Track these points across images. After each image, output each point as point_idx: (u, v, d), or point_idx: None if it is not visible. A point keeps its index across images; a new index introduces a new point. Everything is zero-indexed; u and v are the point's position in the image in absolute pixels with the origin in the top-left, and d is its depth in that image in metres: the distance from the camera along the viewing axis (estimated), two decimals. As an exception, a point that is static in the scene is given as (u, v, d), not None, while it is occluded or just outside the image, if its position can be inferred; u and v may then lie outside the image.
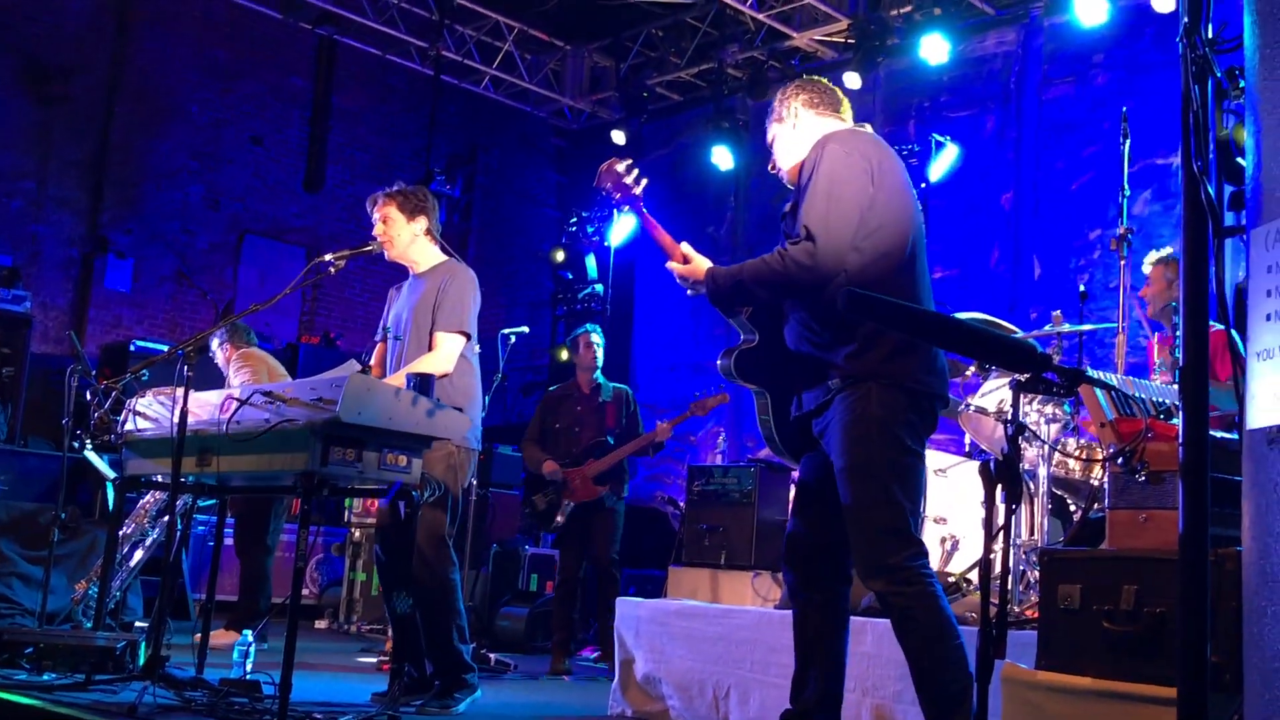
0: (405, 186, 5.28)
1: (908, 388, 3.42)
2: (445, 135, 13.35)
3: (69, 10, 11.25)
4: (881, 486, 3.37)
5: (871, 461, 3.38)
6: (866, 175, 3.47)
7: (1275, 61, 1.92)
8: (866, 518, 3.38)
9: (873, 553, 3.38)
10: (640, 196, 3.86)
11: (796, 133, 3.76)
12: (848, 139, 3.58)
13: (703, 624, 5.00)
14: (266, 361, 7.31)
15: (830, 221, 3.40)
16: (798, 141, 3.74)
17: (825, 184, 3.45)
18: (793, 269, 3.41)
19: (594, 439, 7.61)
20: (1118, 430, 3.57)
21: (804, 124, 3.76)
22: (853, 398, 3.42)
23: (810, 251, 3.39)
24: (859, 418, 3.39)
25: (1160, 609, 3.06)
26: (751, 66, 10.98)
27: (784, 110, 3.80)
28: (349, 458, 4.16)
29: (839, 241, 3.40)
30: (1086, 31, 8.72)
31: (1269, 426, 1.90)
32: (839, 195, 3.43)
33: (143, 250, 11.56)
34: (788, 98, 3.81)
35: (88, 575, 6.54)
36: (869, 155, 3.51)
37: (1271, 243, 1.89)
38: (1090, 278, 8.49)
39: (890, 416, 3.39)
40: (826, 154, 3.50)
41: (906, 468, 3.42)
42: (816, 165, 3.49)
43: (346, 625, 9.17)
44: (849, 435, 3.40)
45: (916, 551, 3.37)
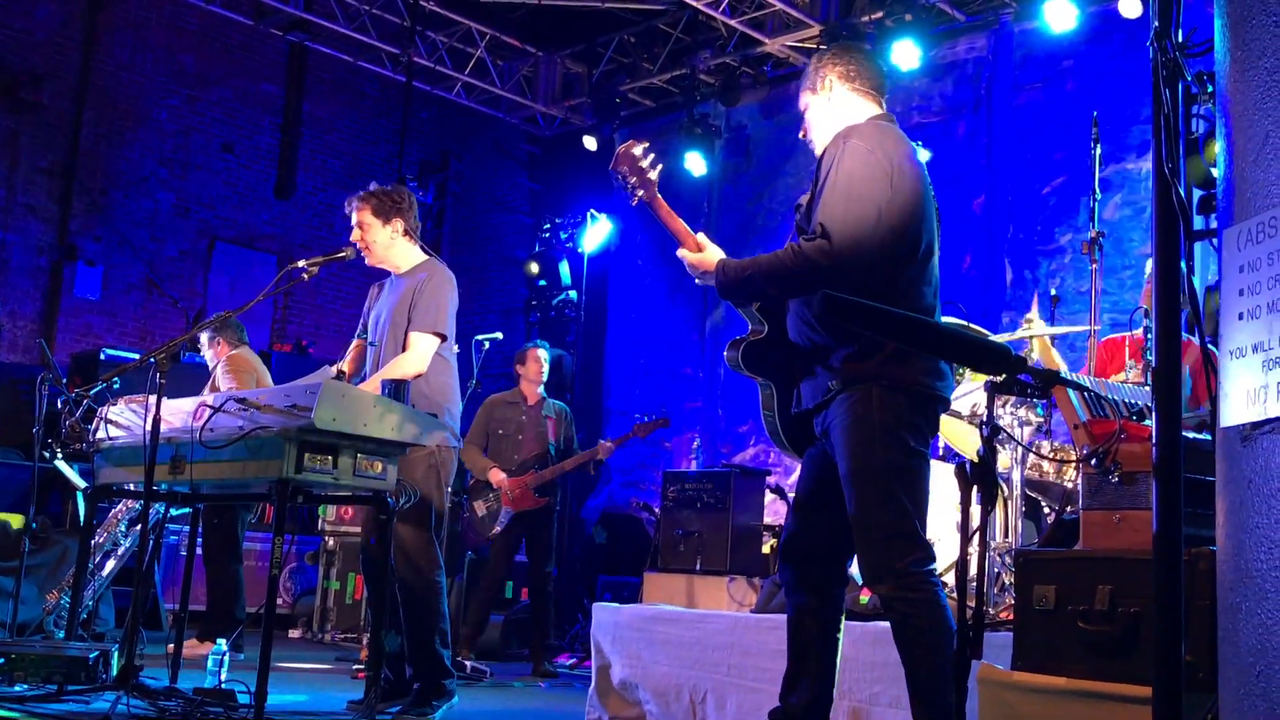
0: (380, 187, 5.21)
1: (910, 390, 3.39)
2: (417, 142, 13.32)
3: (38, 17, 11.17)
4: (887, 490, 3.32)
5: (876, 465, 3.33)
6: (886, 176, 3.39)
7: (1246, 65, 1.95)
8: (872, 522, 3.33)
9: (879, 557, 3.33)
10: (655, 182, 3.79)
11: (831, 106, 3.65)
12: (872, 135, 3.49)
13: (679, 629, 5.00)
14: (256, 370, 7.12)
15: (848, 222, 3.34)
16: (832, 116, 3.64)
17: (845, 182, 3.38)
18: (807, 267, 3.35)
19: (536, 450, 7.75)
20: (1091, 432, 3.60)
21: (838, 98, 3.65)
22: (854, 400, 3.38)
23: (826, 251, 3.33)
24: (862, 421, 3.35)
25: (1135, 609, 3.08)
26: (724, 72, 11.00)
27: (818, 80, 3.68)
28: (324, 464, 4.14)
29: (855, 242, 3.33)
30: (1056, 37, 8.78)
31: (1242, 424, 1.91)
32: (859, 195, 3.36)
33: (112, 258, 11.49)
34: (823, 66, 3.68)
35: (59, 585, 6.50)
36: (891, 155, 3.43)
37: (1244, 243, 1.91)
38: (1062, 282, 8.54)
39: (893, 420, 3.35)
40: (849, 150, 3.42)
41: (912, 470, 3.38)
42: (838, 161, 3.42)
43: (321, 634, 9.12)
44: (852, 439, 3.36)
45: (923, 556, 3.32)
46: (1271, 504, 1.83)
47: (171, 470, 4.53)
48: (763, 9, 10.17)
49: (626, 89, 11.66)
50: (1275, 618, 1.80)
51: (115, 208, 11.53)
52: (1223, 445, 2.01)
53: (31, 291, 11.09)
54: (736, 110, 11.09)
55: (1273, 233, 1.83)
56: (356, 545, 8.97)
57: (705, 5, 10.11)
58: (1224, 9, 2.06)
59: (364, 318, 5.31)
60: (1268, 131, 1.86)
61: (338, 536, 9.22)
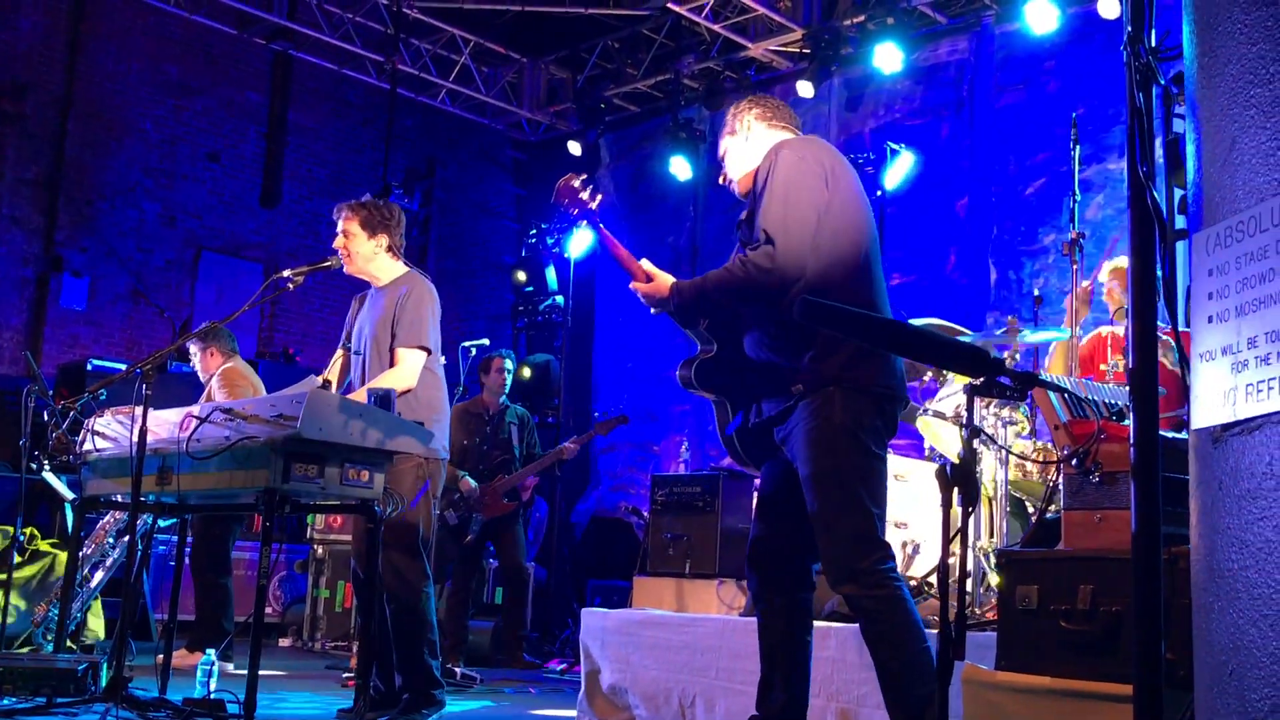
0: (372, 200, 5.25)
1: (871, 392, 3.45)
2: (403, 149, 13.32)
3: (21, 28, 11.15)
4: (849, 492, 3.39)
5: (838, 468, 3.40)
6: (821, 179, 3.50)
7: (1213, 70, 1.97)
8: (834, 524, 3.39)
9: (842, 558, 3.39)
10: (596, 211, 3.88)
11: (749, 145, 3.81)
12: (800, 145, 3.63)
13: (668, 633, 5.02)
14: (252, 383, 7.07)
15: (789, 224, 3.43)
16: (749, 152, 3.79)
17: (781, 189, 3.48)
18: (754, 273, 3.44)
19: (501, 457, 7.89)
20: (1071, 432, 3.62)
21: (756, 136, 3.81)
22: (815, 404, 3.44)
23: (770, 254, 3.41)
24: (823, 424, 3.41)
25: (1116, 608, 3.11)
26: (707, 77, 11.04)
27: (736, 124, 3.86)
28: (310, 474, 4.16)
29: (798, 244, 3.42)
30: (1037, 39, 8.83)
31: (1213, 425, 1.94)
32: (795, 200, 3.46)
33: (98, 268, 11.47)
34: (740, 111, 3.87)
35: (47, 597, 6.49)
36: (822, 160, 3.55)
37: (1213, 246, 1.94)
38: (1046, 282, 8.58)
39: (854, 422, 3.41)
40: (780, 159, 3.54)
41: (871, 472, 3.45)
42: (771, 171, 3.53)
43: (311, 643, 9.11)
44: (814, 442, 3.42)
45: (884, 555, 3.40)
46: (1242, 505, 1.85)
47: (159, 481, 4.54)
48: (745, 14, 10.21)
49: (611, 94, 11.69)
50: (1247, 617, 1.82)
51: (101, 218, 11.51)
52: (1195, 447, 2.04)
53: (17, 303, 11.06)
54: (720, 114, 11.08)
55: (1240, 237, 1.86)
56: (345, 553, 8.97)
57: (688, 10, 10.14)
58: (1192, 15, 2.09)
59: (346, 329, 5.33)
60: (1234, 136, 1.89)
61: (326, 545, 9.21)
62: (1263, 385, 1.80)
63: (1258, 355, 1.82)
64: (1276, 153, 1.83)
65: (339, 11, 11.08)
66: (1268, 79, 1.85)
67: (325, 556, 9.21)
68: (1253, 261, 1.84)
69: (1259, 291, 1.83)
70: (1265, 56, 1.85)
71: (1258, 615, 1.80)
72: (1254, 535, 1.83)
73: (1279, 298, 1.79)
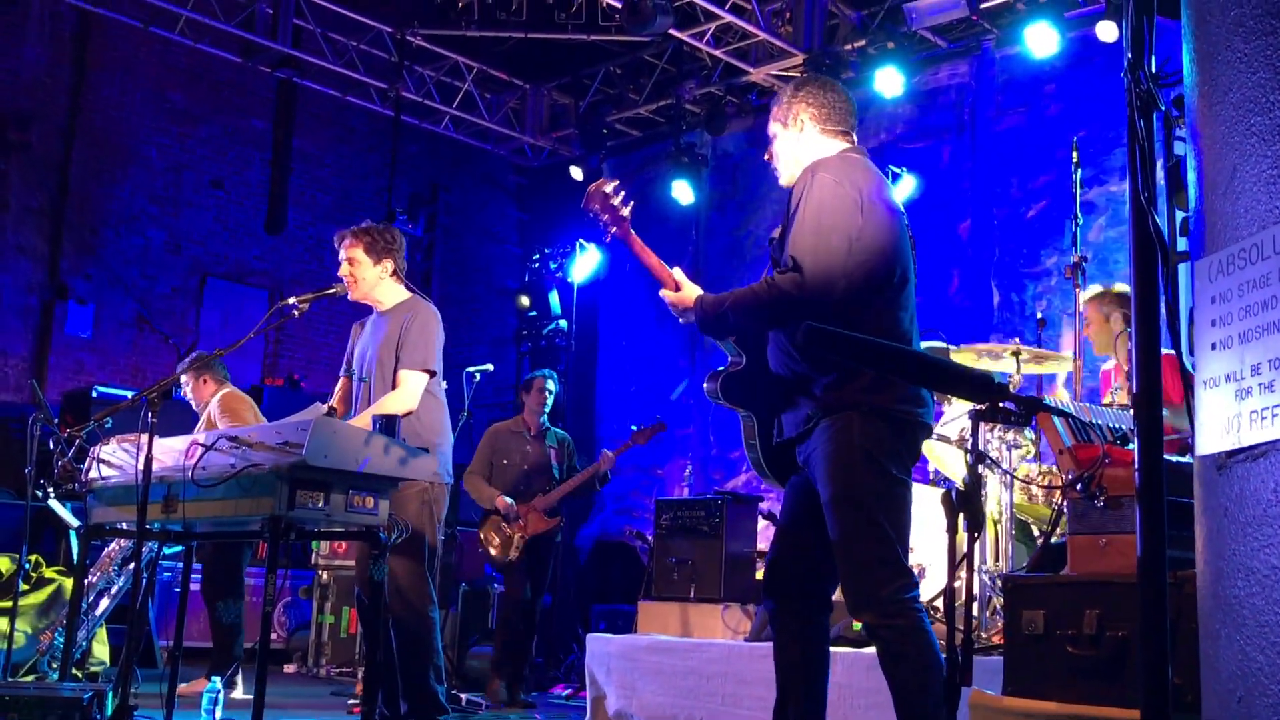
0: (373, 226, 5.25)
1: (892, 417, 3.41)
2: (406, 175, 13.37)
3: (26, 57, 11.22)
4: (869, 517, 3.33)
5: (858, 492, 3.34)
6: (856, 205, 3.44)
7: (1214, 98, 1.99)
8: (855, 549, 3.34)
9: (862, 584, 3.33)
10: (628, 219, 3.83)
11: (799, 144, 3.71)
12: (839, 167, 3.55)
13: (673, 658, 5.01)
14: (252, 407, 7.08)
15: (819, 253, 3.38)
16: (800, 152, 3.69)
17: (814, 214, 3.43)
18: (780, 299, 3.41)
19: (540, 477, 7.83)
20: (1076, 457, 3.62)
21: (808, 137, 3.71)
22: (835, 427, 3.39)
23: (798, 283, 3.37)
24: (843, 448, 3.36)
25: (1122, 632, 3.10)
26: (709, 102, 11.08)
27: (790, 115, 3.73)
28: (316, 501, 4.15)
29: (826, 273, 3.38)
30: (1038, 62, 8.86)
31: (1217, 452, 1.95)
32: (828, 226, 3.41)
33: (103, 296, 11.50)
34: (797, 102, 3.73)
35: (53, 625, 6.49)
36: (859, 185, 3.49)
37: (1215, 274, 1.95)
38: (1048, 304, 8.58)
39: (875, 446, 3.36)
40: (816, 183, 3.48)
41: (894, 497, 3.39)
42: (806, 194, 3.47)
43: (316, 668, 9.10)
44: (834, 465, 3.37)
45: (907, 583, 3.33)
46: (1247, 532, 1.85)
47: (164, 509, 4.54)
48: (746, 39, 10.25)
49: (613, 119, 11.74)
50: (1254, 644, 1.82)
51: (106, 246, 11.55)
52: (1200, 473, 2.04)
53: (23, 331, 11.09)
54: (722, 139, 11.16)
55: (1243, 264, 1.87)
56: (350, 579, 8.96)
57: (690, 36, 10.19)
58: (1192, 44, 2.10)
59: (348, 355, 5.34)
60: (1235, 165, 1.90)
61: (331, 570, 9.21)
62: (1267, 412, 1.81)
63: (1261, 382, 1.83)
64: (1278, 180, 1.84)
65: (343, 39, 11.13)
66: (1268, 107, 1.86)
67: (330, 582, 9.21)
68: (1255, 289, 1.84)
69: (1262, 318, 1.84)
70: (1266, 85, 1.87)
71: (1265, 642, 1.80)
72: (1260, 562, 1.83)
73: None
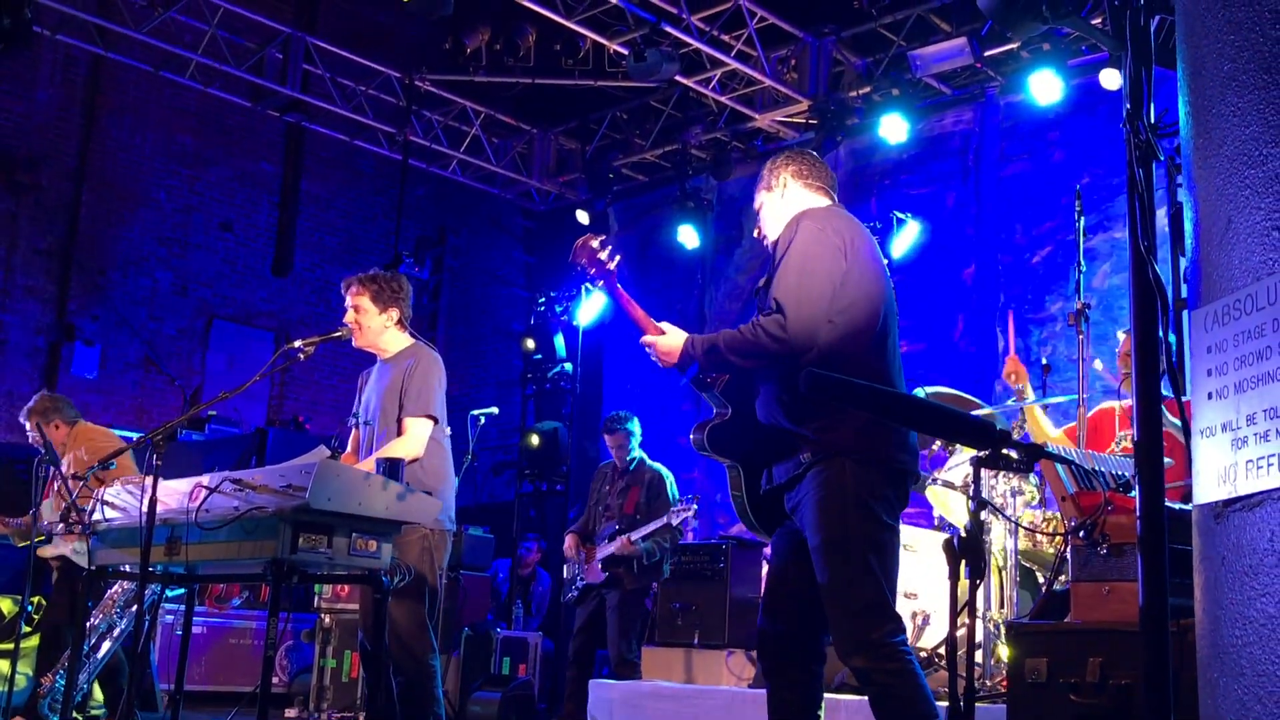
0: (380, 274, 5.24)
1: (882, 464, 3.42)
2: (413, 218, 13.45)
3: (37, 100, 11.33)
4: (859, 562, 3.33)
5: (848, 536, 3.35)
6: (839, 251, 3.51)
7: (1209, 151, 2.01)
8: (845, 593, 3.34)
9: (852, 629, 3.34)
10: (614, 272, 3.85)
11: (784, 202, 3.81)
12: (822, 216, 3.63)
13: (676, 705, 4.99)
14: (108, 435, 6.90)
15: (802, 296, 3.44)
16: (785, 210, 3.77)
17: (798, 260, 3.49)
18: (764, 339, 3.44)
19: (613, 520, 7.58)
20: (1078, 504, 3.62)
21: (791, 194, 3.81)
22: (826, 473, 3.40)
23: (781, 324, 3.41)
24: (834, 493, 3.38)
25: (1125, 680, 3.09)
26: (715, 147, 11.15)
27: (773, 179, 3.85)
28: (319, 544, 4.15)
29: (810, 316, 3.43)
30: (1042, 109, 8.91)
31: (1214, 501, 1.95)
32: (811, 270, 3.47)
33: (110, 337, 11.55)
34: (777, 168, 3.86)
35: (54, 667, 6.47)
36: (842, 231, 3.56)
37: (1211, 324, 1.96)
38: (1054, 350, 8.58)
39: (866, 491, 3.38)
40: (801, 230, 3.55)
41: (883, 543, 3.40)
42: (791, 241, 3.54)
43: (317, 713, 9.05)
44: (824, 510, 3.38)
45: (895, 628, 3.34)
46: (1244, 581, 1.85)
47: (168, 551, 4.54)
48: (752, 85, 10.34)
49: (620, 164, 11.81)
50: (1251, 693, 1.82)
51: (114, 287, 11.62)
52: (1198, 521, 2.04)
53: (30, 371, 11.13)
54: (728, 184, 11.22)
55: (1238, 315, 1.88)
56: (353, 623, 8.92)
57: (695, 83, 10.27)
58: (1188, 97, 2.13)
59: (356, 405, 5.34)
60: (1230, 216, 1.92)
61: (334, 614, 9.17)
62: (1263, 462, 1.82)
63: (1257, 432, 1.84)
64: (1271, 232, 1.86)
65: (351, 84, 11.23)
66: (1261, 160, 1.88)
67: (332, 626, 9.17)
68: (1250, 339, 1.86)
69: (1257, 369, 1.85)
70: (1259, 139, 1.89)
71: (1262, 691, 1.80)
72: (1256, 611, 1.83)
73: (1277, 375, 1.81)
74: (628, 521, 7.50)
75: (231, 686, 8.52)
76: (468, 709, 8.38)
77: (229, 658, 7.98)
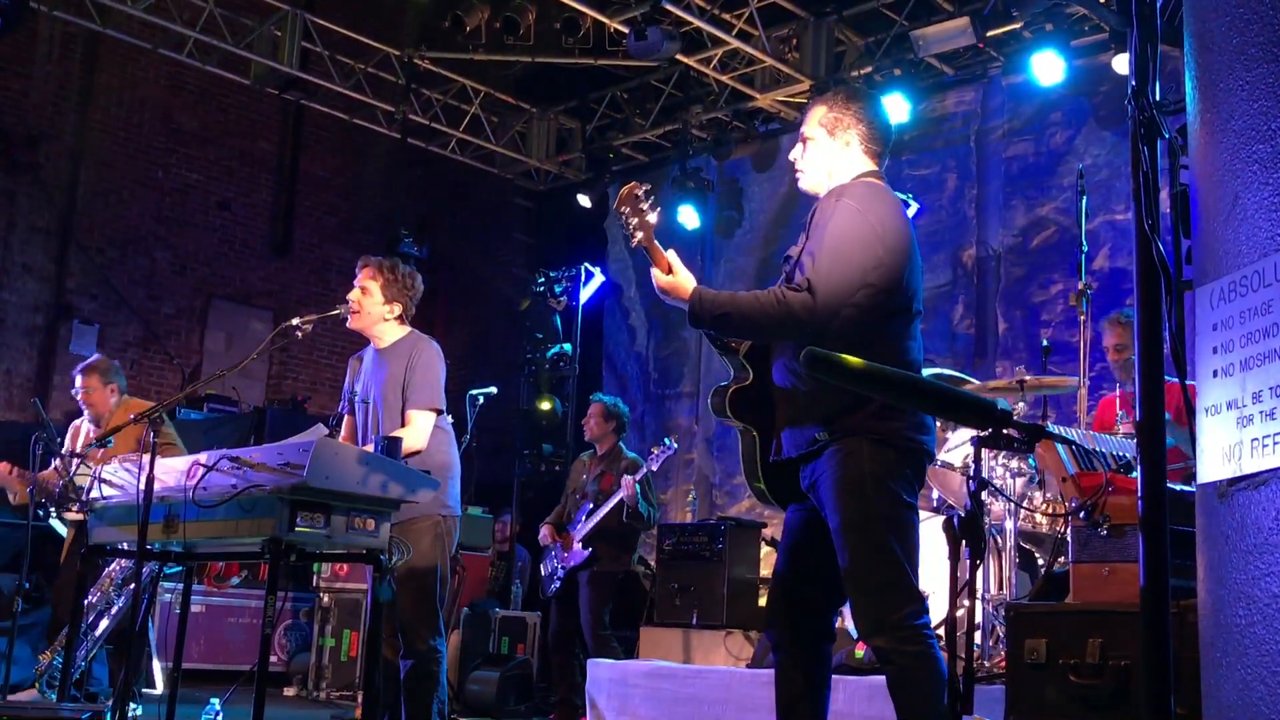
0: (398, 265, 5.16)
1: (899, 444, 3.39)
2: (412, 197, 13.40)
3: (35, 78, 11.28)
4: (880, 542, 3.31)
5: (869, 517, 3.32)
6: (877, 237, 3.43)
7: (1216, 126, 1.98)
8: (868, 574, 3.31)
9: (874, 609, 3.31)
10: (652, 224, 3.73)
11: (838, 158, 3.66)
12: (864, 197, 3.53)
13: (674, 684, 4.99)
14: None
15: (833, 280, 3.37)
16: (836, 165, 3.65)
17: (834, 241, 3.42)
18: (788, 319, 3.38)
19: (589, 501, 7.61)
20: (1079, 485, 3.61)
21: (852, 154, 3.66)
22: (843, 453, 3.37)
23: (809, 306, 3.36)
24: (853, 474, 3.35)
25: (1125, 661, 3.08)
26: (715, 127, 11.11)
27: (837, 126, 3.67)
28: (317, 523, 4.14)
29: (837, 301, 3.37)
30: (1044, 90, 8.87)
31: (1219, 480, 1.93)
32: (845, 256, 3.40)
33: (109, 316, 11.52)
34: (848, 116, 3.67)
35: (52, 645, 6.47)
36: (882, 216, 3.48)
37: (1216, 301, 1.94)
38: (1053, 332, 8.57)
39: (884, 471, 3.35)
40: (840, 209, 3.47)
41: (905, 522, 3.37)
42: (830, 219, 3.47)
43: (316, 692, 9.06)
44: (844, 492, 3.35)
45: (918, 608, 3.31)
46: (1248, 560, 1.84)
47: (165, 529, 4.52)
48: (753, 65, 10.29)
49: (619, 144, 11.77)
50: (1254, 674, 1.81)
51: (112, 266, 11.59)
52: (1201, 501, 2.03)
53: (28, 350, 11.11)
54: (729, 164, 11.18)
55: (1244, 291, 1.86)
56: (351, 602, 8.94)
57: (696, 62, 10.23)
58: (1195, 72, 2.10)
59: (347, 391, 5.31)
60: (1237, 192, 1.90)
61: (333, 593, 9.18)
62: (1268, 440, 1.80)
63: (1263, 410, 1.82)
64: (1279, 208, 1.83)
65: (350, 62, 11.18)
66: (1270, 135, 1.85)
67: (331, 605, 9.18)
68: (1256, 316, 1.84)
69: (1263, 346, 1.83)
70: (1268, 112, 1.86)
71: (1265, 671, 1.78)
72: (1261, 590, 1.82)
73: (1283, 352, 1.79)
74: (602, 500, 7.54)
75: (230, 665, 8.52)
76: (466, 688, 8.39)
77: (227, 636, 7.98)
